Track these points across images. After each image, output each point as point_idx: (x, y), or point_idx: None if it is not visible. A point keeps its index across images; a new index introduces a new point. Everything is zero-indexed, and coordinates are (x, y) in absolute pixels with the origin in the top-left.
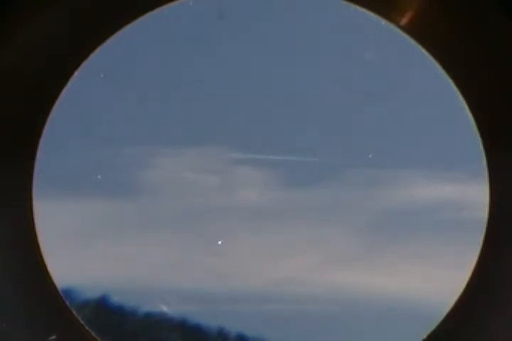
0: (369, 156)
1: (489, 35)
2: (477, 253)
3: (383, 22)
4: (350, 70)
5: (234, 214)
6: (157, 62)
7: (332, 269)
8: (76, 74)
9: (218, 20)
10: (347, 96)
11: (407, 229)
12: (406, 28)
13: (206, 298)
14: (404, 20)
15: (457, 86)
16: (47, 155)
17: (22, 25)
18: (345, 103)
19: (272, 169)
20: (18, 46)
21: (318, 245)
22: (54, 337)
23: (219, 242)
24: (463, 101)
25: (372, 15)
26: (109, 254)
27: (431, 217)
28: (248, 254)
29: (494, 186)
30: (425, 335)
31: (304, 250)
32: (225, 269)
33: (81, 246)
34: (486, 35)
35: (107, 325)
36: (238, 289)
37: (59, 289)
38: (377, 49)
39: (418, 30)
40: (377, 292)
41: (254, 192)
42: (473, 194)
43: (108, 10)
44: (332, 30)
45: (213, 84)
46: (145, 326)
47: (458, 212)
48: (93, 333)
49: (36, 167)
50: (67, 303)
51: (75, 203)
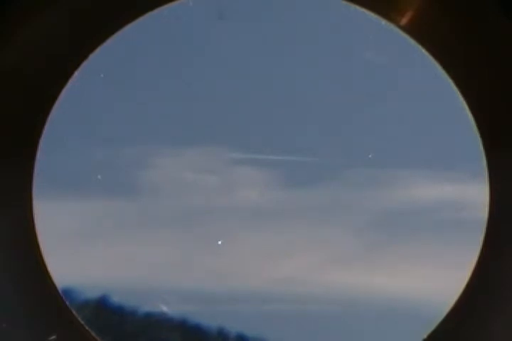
0: (369, 156)
1: (489, 35)
2: (477, 253)
3: (383, 22)
4: (350, 70)
5: (234, 214)
6: (157, 62)
7: (332, 269)
8: (76, 74)
9: (218, 20)
10: (347, 96)
11: (407, 229)
12: (406, 28)
13: (206, 298)
14: (404, 20)
15: (457, 86)
16: (47, 155)
17: (22, 25)
18: (345, 103)
19: (272, 169)
20: (18, 46)
21: (318, 245)
22: (54, 337)
23: (219, 242)
24: (463, 101)
25: (372, 15)
26: (109, 254)
27: (431, 217)
28: (248, 254)
29: (494, 186)
30: (425, 335)
31: (304, 250)
32: (225, 269)
33: (81, 246)
34: (486, 35)
35: (107, 325)
36: (238, 289)
37: (59, 289)
38: (377, 49)
39: (418, 30)
40: (377, 292)
41: (254, 192)
42: (473, 194)
43: (108, 10)
44: (332, 30)
45: (213, 84)
46: (145, 326)
47: (458, 212)
48: (93, 333)
49: (36, 167)
50: (67, 303)
51: (75, 203)
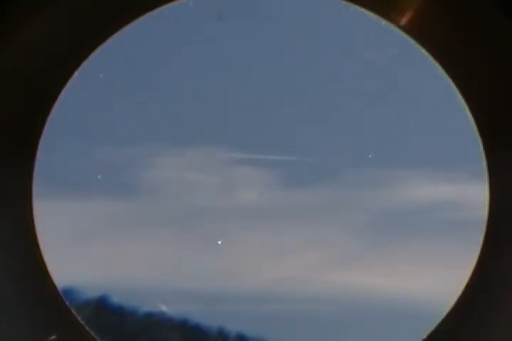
0: (369, 156)
1: (489, 35)
2: (477, 253)
3: (383, 22)
4: (350, 70)
5: (234, 214)
6: (157, 62)
7: (332, 269)
8: (76, 74)
9: (218, 20)
10: (347, 96)
11: (407, 229)
12: (406, 28)
13: (206, 298)
14: (404, 20)
15: (457, 86)
16: (47, 155)
17: (22, 25)
18: (345, 103)
19: (272, 169)
20: (18, 46)
21: (318, 245)
22: (54, 337)
23: (219, 242)
24: (463, 101)
25: (372, 15)
26: (109, 254)
27: (431, 217)
28: (248, 254)
29: (494, 186)
30: (425, 335)
31: (304, 250)
32: (225, 269)
33: (81, 246)
34: (486, 35)
35: (107, 325)
36: (238, 289)
37: (59, 289)
38: (377, 49)
39: (418, 30)
40: (377, 292)
41: (254, 192)
42: (473, 194)
43: (108, 10)
44: (332, 30)
45: (213, 84)
46: (145, 326)
47: (458, 212)
48: (93, 333)
49: (36, 167)
50: (67, 303)
51: (75, 203)
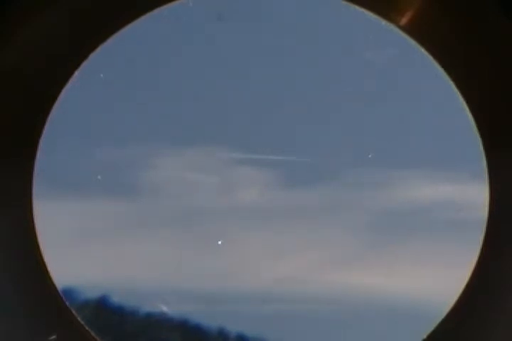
0: (369, 156)
1: (489, 35)
2: (477, 253)
3: (383, 22)
4: (350, 70)
5: (234, 214)
6: (157, 62)
7: (332, 269)
8: (76, 74)
9: (218, 21)
10: (347, 96)
11: (407, 229)
12: (406, 28)
13: (206, 298)
14: (404, 20)
15: (457, 86)
16: (47, 155)
17: (22, 25)
18: (344, 103)
19: (272, 169)
20: (18, 46)
21: (318, 245)
22: (54, 337)
23: (219, 242)
24: (463, 101)
25: (372, 15)
26: (109, 254)
27: (431, 217)
28: (248, 254)
29: (494, 186)
30: (425, 335)
31: (304, 250)
32: (225, 269)
33: (81, 246)
34: (486, 35)
35: (107, 325)
36: (238, 289)
37: (59, 289)
38: (377, 49)
39: (418, 30)
40: (377, 292)
41: (254, 192)
42: (473, 194)
43: (108, 10)
44: (332, 30)
45: (213, 84)
46: (145, 326)
47: (458, 212)
48: (93, 333)
49: (36, 167)
50: (67, 303)
51: (75, 203)
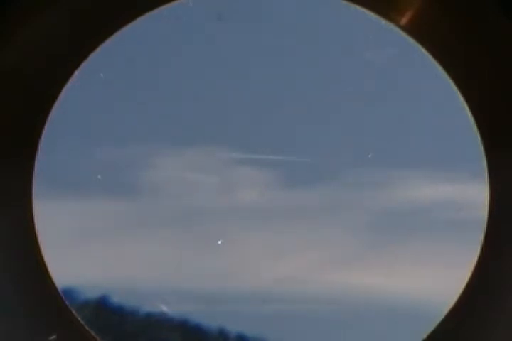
0: (369, 156)
1: (489, 35)
2: (477, 253)
3: (383, 22)
4: (350, 70)
5: (234, 214)
6: (157, 62)
7: (332, 269)
8: (76, 74)
9: (218, 21)
10: (347, 96)
11: (407, 229)
12: (406, 28)
13: (206, 298)
14: (404, 20)
15: (457, 86)
16: (47, 155)
17: (22, 25)
18: (344, 103)
19: (272, 169)
20: (18, 46)
21: (318, 245)
22: (54, 337)
23: (219, 242)
24: (463, 101)
25: (372, 15)
26: (109, 254)
27: (431, 217)
28: (248, 254)
29: (494, 186)
30: (425, 335)
31: (304, 250)
32: (225, 269)
33: (81, 246)
34: (486, 35)
35: (107, 325)
36: (238, 289)
37: (59, 289)
38: (377, 49)
39: (418, 30)
40: (377, 292)
41: (254, 192)
42: (473, 194)
43: (108, 10)
44: (332, 30)
45: (213, 84)
46: (145, 326)
47: (458, 212)
48: (93, 333)
49: (36, 167)
50: (67, 303)
51: (75, 203)
